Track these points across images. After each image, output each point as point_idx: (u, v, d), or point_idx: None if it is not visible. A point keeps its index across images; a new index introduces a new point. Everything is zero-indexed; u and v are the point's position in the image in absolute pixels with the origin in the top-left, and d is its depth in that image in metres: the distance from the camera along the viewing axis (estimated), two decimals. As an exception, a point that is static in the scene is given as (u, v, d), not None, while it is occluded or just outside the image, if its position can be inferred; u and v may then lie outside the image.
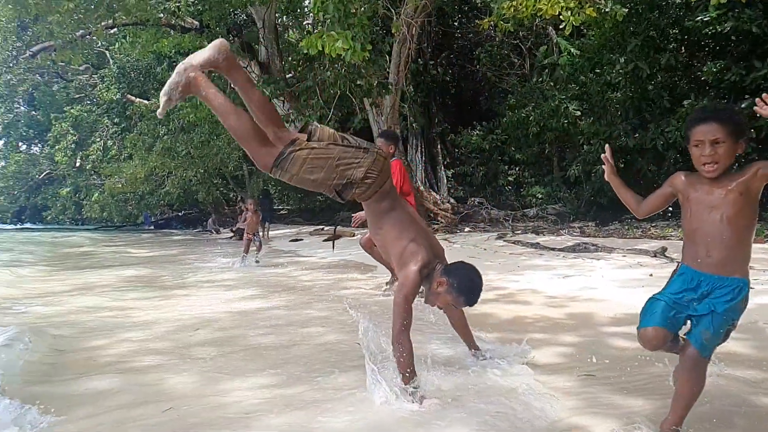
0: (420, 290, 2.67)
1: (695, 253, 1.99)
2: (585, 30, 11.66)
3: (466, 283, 2.63)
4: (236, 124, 2.49)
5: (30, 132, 36.08)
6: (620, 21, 8.41)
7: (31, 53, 13.87)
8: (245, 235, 9.39)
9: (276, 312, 4.91)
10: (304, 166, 2.49)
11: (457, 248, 9.05)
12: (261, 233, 10.99)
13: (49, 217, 37.42)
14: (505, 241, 9.51)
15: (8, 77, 27.29)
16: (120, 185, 21.46)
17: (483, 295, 4.90)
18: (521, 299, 5.03)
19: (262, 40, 12.67)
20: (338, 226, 11.10)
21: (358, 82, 11.07)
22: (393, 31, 10.25)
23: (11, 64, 26.76)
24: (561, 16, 6.94)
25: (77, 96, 29.55)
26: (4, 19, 18.42)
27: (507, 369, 2.90)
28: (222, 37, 12.64)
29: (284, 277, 7.73)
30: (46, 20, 11.89)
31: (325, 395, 2.65)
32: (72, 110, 27.86)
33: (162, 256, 12.09)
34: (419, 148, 15.15)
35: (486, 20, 8.84)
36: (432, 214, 13.37)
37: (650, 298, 2.10)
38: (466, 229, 12.28)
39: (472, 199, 14.68)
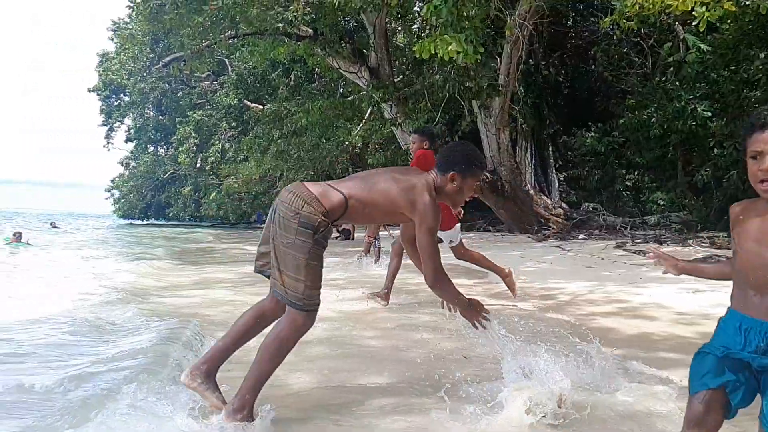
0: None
1: (744, 296, 1.64)
2: (718, 24, 10.77)
3: (469, 154, 2.57)
4: None
5: (157, 135, 39.68)
6: (763, 14, 7.67)
7: (163, 63, 15.28)
8: (366, 237, 9.01)
9: (384, 315, 5.01)
10: None
11: (571, 256, 8.72)
12: (387, 232, 10.54)
13: (171, 214, 40.98)
14: (624, 250, 9.01)
15: (142, 85, 30.33)
16: (236, 185, 22.95)
17: (603, 308, 4.67)
18: (646, 314, 4.75)
19: (372, 45, 13.01)
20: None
21: (467, 85, 11.04)
22: (506, 33, 10.10)
23: (145, 74, 29.70)
24: (694, 12, 6.47)
25: (199, 102, 32.07)
26: (140, 33, 20.44)
27: (647, 389, 2.74)
28: (334, 43, 13.18)
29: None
30: (177, 33, 13.02)
31: (444, 405, 2.64)
32: (194, 115, 30.25)
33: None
34: (529, 150, 14.77)
35: (607, 19, 8.44)
36: (542, 220, 12.98)
37: (698, 353, 1.71)
38: (580, 236, 11.78)
39: (586, 204, 14.06)
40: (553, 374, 2.59)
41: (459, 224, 5.31)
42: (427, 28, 12.31)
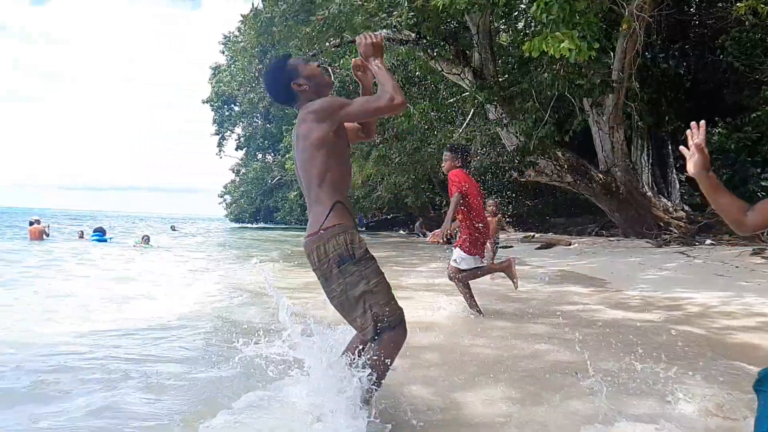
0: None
1: None
2: None
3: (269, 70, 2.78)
4: None
5: (265, 143, 41.90)
6: None
7: (272, 74, 16.08)
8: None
9: (495, 323, 4.94)
10: None
11: (698, 263, 8.10)
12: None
13: (279, 218, 43.14)
14: (763, 258, 8.21)
15: (251, 95, 32.14)
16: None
17: (742, 322, 4.32)
18: (796, 331, 4.30)
19: (475, 45, 12.88)
20: (554, 235, 10.73)
21: (578, 82, 10.60)
22: (623, 27, 9.58)
23: (254, 84, 31.43)
24: None
25: (304, 109, 33.40)
26: (249, 46, 21.68)
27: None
28: (437, 45, 13.20)
29: (499, 286, 7.73)
30: (285, 44, 13.67)
31: (566, 420, 2.58)
32: (299, 122, 31.59)
33: (378, 257, 13.00)
34: (645, 149, 13.89)
35: (742, 4, 7.76)
36: (662, 224, 12.17)
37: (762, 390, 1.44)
38: (707, 241, 10.90)
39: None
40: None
41: (479, 257, 5.27)
42: (533, 25, 11.99)
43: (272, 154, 42.96)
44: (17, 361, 3.55)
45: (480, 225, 5.22)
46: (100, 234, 20.26)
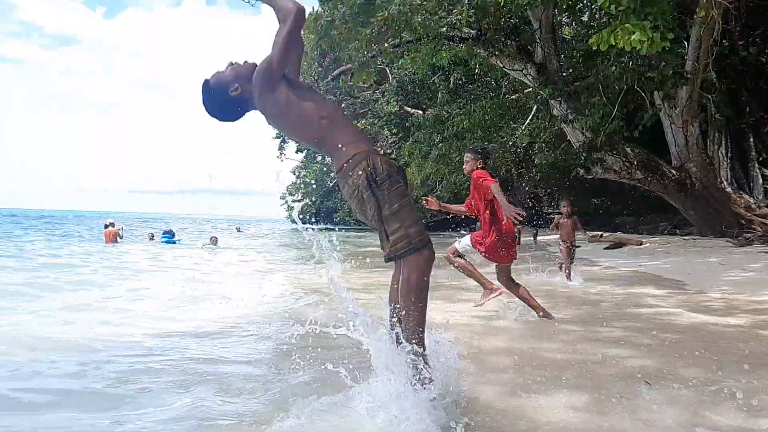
0: None
1: None
2: None
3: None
4: None
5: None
6: None
7: (331, 77, 16.37)
8: (562, 243, 8.18)
9: (565, 326, 4.81)
10: None
11: (786, 267, 7.60)
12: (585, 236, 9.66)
13: (338, 218, 43.90)
14: None
15: (311, 99, 32.81)
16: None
17: None
18: None
19: (538, 40, 12.62)
20: (622, 234, 10.35)
21: (649, 75, 10.18)
22: (700, 15, 9.12)
23: (313, 88, 32.08)
24: None
25: (362, 111, 33.75)
26: (308, 49, 22.10)
27: None
28: (498, 42, 13.02)
29: (567, 287, 7.55)
30: (345, 47, 13.85)
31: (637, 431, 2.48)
32: (358, 124, 31.93)
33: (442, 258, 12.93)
34: (723, 142, 13.17)
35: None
36: (743, 221, 11.50)
37: None
38: (795, 240, 10.23)
39: (801, 203, 12.17)
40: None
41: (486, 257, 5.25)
42: (600, 16, 11.61)
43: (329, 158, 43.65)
44: (98, 361, 3.76)
45: (504, 235, 5.14)
46: (170, 236, 21.21)
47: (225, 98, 2.64)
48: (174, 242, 20.80)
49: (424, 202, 5.28)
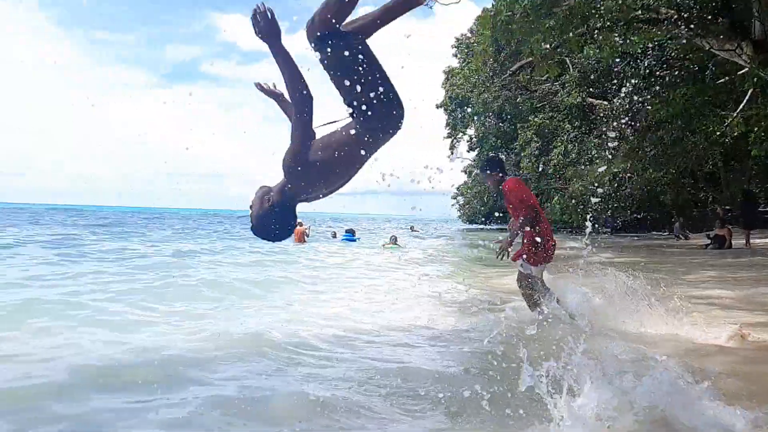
0: None
1: None
2: None
3: None
4: None
5: (498, 142, 41.96)
6: None
7: (511, 72, 16.09)
8: None
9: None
10: None
11: None
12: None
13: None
14: None
15: (485, 96, 32.60)
16: (581, 188, 22.54)
17: None
18: None
19: (756, 14, 11.11)
20: None
21: None
22: None
23: (488, 84, 31.83)
24: None
25: (539, 105, 32.66)
26: (484, 46, 21.95)
27: None
28: (707, 20, 11.72)
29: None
30: (526, 40, 13.51)
31: None
32: (535, 119, 30.96)
33: (632, 262, 12.04)
34: None
35: None
36: None
37: None
38: None
39: None
40: None
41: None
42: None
43: (505, 153, 42.90)
44: (286, 358, 4.16)
45: (539, 240, 5.15)
46: (350, 235, 22.62)
47: (278, 216, 2.59)
48: (354, 240, 22.13)
49: None
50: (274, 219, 2.55)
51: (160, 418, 2.96)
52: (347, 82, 2.38)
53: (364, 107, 2.39)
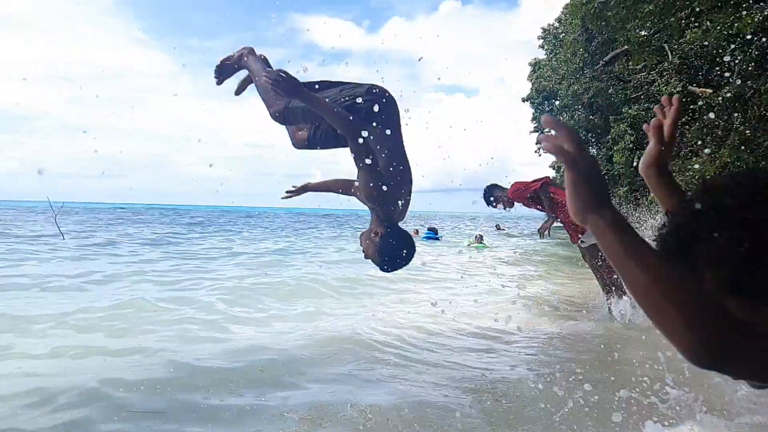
0: None
1: None
2: None
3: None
4: None
5: (588, 135, 40.29)
6: None
7: (604, 62, 15.32)
8: None
9: None
10: None
11: None
12: None
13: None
14: None
15: (575, 87, 31.35)
16: (681, 183, 21.18)
17: None
18: None
19: None
20: None
21: None
22: None
23: (577, 76, 30.61)
24: None
25: (633, 96, 30.97)
26: (572, 35, 21.10)
27: None
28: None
29: None
30: (623, 26, 12.83)
31: None
32: (629, 111, 29.40)
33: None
34: None
35: None
36: None
37: None
38: None
39: None
40: None
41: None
42: None
43: (597, 147, 41.17)
44: (366, 351, 4.12)
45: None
46: (432, 233, 22.43)
47: (387, 245, 2.62)
48: (437, 239, 21.94)
49: None
50: (394, 244, 2.59)
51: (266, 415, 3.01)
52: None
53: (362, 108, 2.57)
